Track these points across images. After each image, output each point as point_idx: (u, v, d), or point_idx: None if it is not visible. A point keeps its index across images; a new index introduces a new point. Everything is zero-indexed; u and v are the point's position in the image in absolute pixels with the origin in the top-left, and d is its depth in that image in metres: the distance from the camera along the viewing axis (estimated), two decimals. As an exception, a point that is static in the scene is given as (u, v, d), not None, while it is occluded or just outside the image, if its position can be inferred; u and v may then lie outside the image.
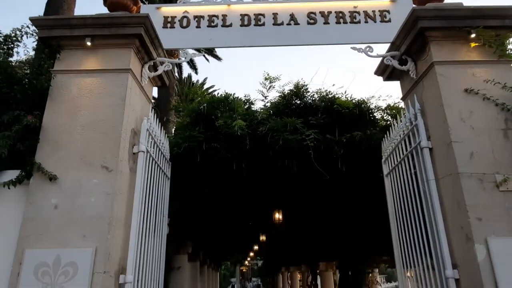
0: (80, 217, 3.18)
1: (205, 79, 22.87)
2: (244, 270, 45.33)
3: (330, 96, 5.70)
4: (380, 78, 4.93)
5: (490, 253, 2.99)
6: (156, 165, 4.31)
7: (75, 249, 3.06)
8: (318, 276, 14.39)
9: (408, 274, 4.56)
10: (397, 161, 4.48)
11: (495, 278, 2.94)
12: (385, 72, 4.67)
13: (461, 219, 3.21)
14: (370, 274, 9.85)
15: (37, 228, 3.14)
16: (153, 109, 4.47)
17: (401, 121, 4.35)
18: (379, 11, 4.46)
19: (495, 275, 2.94)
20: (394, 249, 4.74)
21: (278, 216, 7.91)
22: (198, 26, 4.51)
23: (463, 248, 3.22)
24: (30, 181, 3.32)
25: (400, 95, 4.69)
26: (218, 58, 17.65)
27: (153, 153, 4.14)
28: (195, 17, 4.56)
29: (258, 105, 6.15)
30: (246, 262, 36.37)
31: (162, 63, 4.33)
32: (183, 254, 9.04)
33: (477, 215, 3.12)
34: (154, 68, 4.32)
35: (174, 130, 7.01)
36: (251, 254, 22.15)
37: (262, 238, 11.97)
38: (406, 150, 4.14)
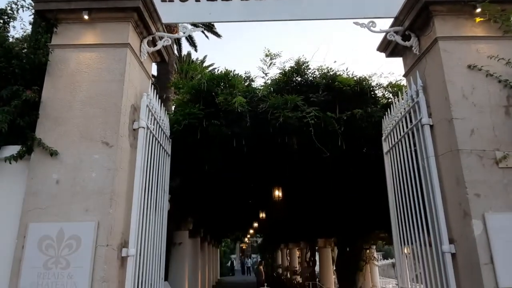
0: (81, 191, 3.21)
1: (205, 57, 22.62)
2: (244, 247, 46.17)
3: (331, 73, 5.64)
4: (383, 54, 4.86)
5: (487, 228, 3.04)
6: (157, 141, 4.32)
7: (78, 222, 3.11)
8: (316, 252, 14.67)
9: (405, 250, 4.66)
10: (397, 138, 4.48)
11: (491, 252, 2.99)
12: (388, 48, 4.60)
13: (460, 195, 3.24)
14: (368, 251, 10.06)
15: (40, 202, 3.17)
16: (152, 86, 4.43)
17: (402, 98, 4.33)
18: (383, -15, 4.34)
19: (491, 250, 3.00)
20: (392, 226, 4.81)
21: (277, 193, 7.98)
22: (197, 0, 4.41)
23: (460, 224, 3.26)
24: (31, 156, 3.33)
25: (402, 72, 4.64)
26: (217, 35, 17.37)
27: (153, 129, 4.13)
28: (194, -10, 4.44)
29: (258, 82, 6.10)
30: (246, 239, 37.01)
31: (161, 38, 4.26)
32: (184, 230, 9.20)
33: (475, 191, 3.15)
34: (153, 43, 4.26)
35: (174, 108, 6.97)
36: (251, 231, 22.51)
37: (262, 215, 12.14)
38: (407, 127, 4.13)
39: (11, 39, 4.02)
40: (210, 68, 19.24)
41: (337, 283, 10.60)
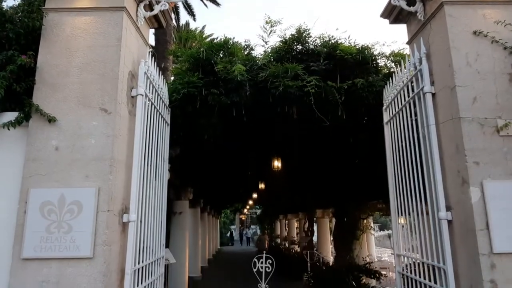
0: (81, 158, 3.21)
1: (204, 26, 22.11)
2: (243, 218, 47.11)
3: (332, 41, 5.52)
4: (386, 21, 4.73)
5: (484, 196, 3.06)
6: (155, 110, 4.28)
7: (78, 188, 3.13)
8: (314, 223, 14.96)
9: (402, 221, 4.74)
10: (398, 108, 4.45)
11: (487, 218, 3.04)
12: (392, 14, 4.47)
13: (459, 163, 3.25)
14: (365, 221, 10.27)
15: (40, 168, 3.18)
16: (150, 54, 4.34)
17: (405, 67, 4.26)
18: None
19: (487, 216, 3.04)
20: (390, 196, 4.86)
21: (277, 163, 8.03)
22: (195, -38, 4.24)
23: (458, 191, 3.29)
24: (29, 123, 3.31)
25: (406, 40, 4.53)
26: (216, 3, 16.90)
27: (152, 97, 4.09)
28: (192, -49, 4.26)
29: (258, 51, 6.01)
30: (245, 210, 37.68)
31: (158, 2, 4.13)
32: (184, 200, 9.33)
33: (474, 159, 3.15)
34: (149, 7, 4.13)
35: (173, 77, 6.87)
36: (250, 202, 22.86)
37: (261, 186, 12.27)
38: (408, 96, 4.09)
39: (5, 7, 3.90)
40: (209, 39, 18.83)
41: (334, 251, 10.86)
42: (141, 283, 3.68)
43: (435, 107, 3.61)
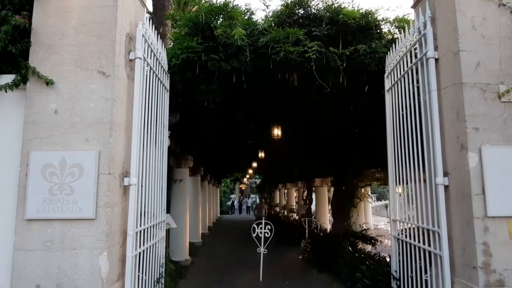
0: (80, 121, 3.20)
1: (203, -8, 21.37)
2: (243, 187, 47.74)
3: (335, 5, 5.36)
4: (391, -16, 4.58)
5: (482, 161, 3.09)
6: (154, 75, 4.23)
7: (79, 151, 3.14)
8: (313, 192, 15.17)
9: (399, 190, 4.81)
10: (400, 74, 4.40)
11: (483, 183, 3.08)
12: (397, -24, 4.31)
13: (458, 129, 3.25)
14: (363, 189, 10.41)
15: (39, 131, 3.18)
16: (148, 18, 4.23)
17: (409, 32, 4.16)
18: None
19: (484, 181, 3.08)
20: (388, 162, 4.90)
21: (277, 132, 8.03)
22: None
23: (456, 157, 3.32)
24: (27, 86, 3.28)
25: (411, 3, 4.40)
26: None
27: (150, 62, 4.03)
28: None
29: (259, 15, 5.88)
30: (245, 179, 38.13)
31: (155, -39, 3.97)
32: (185, 168, 9.39)
33: (474, 125, 3.15)
34: (146, -33, 3.98)
35: (171, 42, 6.73)
36: (250, 171, 23.09)
37: (261, 155, 12.34)
38: (411, 62, 4.03)
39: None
40: (210, 3, 18.25)
41: (332, 219, 11.10)
42: (143, 244, 3.79)
43: (438, 73, 3.56)
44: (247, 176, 32.37)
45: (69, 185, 3.09)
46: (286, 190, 26.38)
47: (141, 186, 3.77)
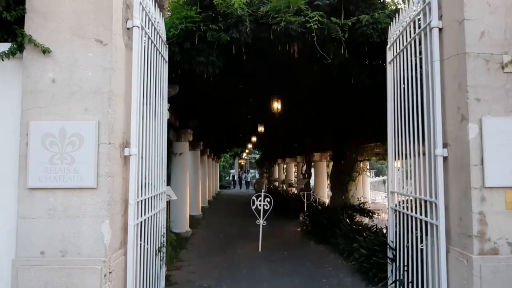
0: (79, 91, 3.17)
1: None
2: (242, 163, 48.11)
3: (338, -27, 5.21)
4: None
5: (482, 132, 3.09)
6: (153, 44, 4.15)
7: (78, 121, 3.13)
8: (312, 167, 15.28)
9: (398, 164, 4.84)
10: (402, 45, 4.33)
11: (482, 154, 3.09)
12: None
13: (460, 100, 3.23)
14: (361, 163, 10.48)
15: (38, 101, 3.15)
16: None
17: (413, 2, 4.06)
18: None
19: (483, 152, 3.09)
20: (388, 136, 4.91)
21: (276, 105, 7.99)
22: None
23: (456, 128, 3.31)
24: (24, 54, 3.22)
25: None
26: None
27: (148, 31, 3.94)
28: None
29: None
30: (245, 154, 38.34)
31: None
32: (184, 141, 9.42)
33: (476, 96, 3.13)
34: None
35: (170, 12, 6.57)
36: (250, 146, 23.17)
37: (261, 129, 12.33)
38: (414, 32, 3.96)
39: None
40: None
41: (330, 193, 11.23)
42: (145, 214, 3.85)
43: (441, 43, 3.50)
44: (247, 151, 32.52)
45: (70, 154, 3.10)
46: (285, 165, 26.60)
47: (142, 157, 3.78)
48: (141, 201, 3.72)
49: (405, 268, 4.42)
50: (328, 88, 7.08)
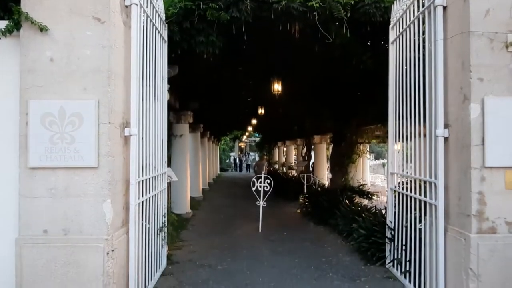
0: (77, 70, 3.14)
1: None
2: (242, 146, 48.19)
3: (341, -51, 5.07)
4: None
5: (484, 112, 3.07)
6: (151, 23, 4.09)
7: (78, 101, 3.11)
8: (312, 150, 15.30)
9: (398, 147, 4.85)
10: (405, 25, 4.27)
11: (483, 134, 3.08)
12: None
13: (462, 80, 3.20)
14: (361, 145, 10.48)
15: (37, 80, 3.12)
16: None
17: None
18: None
19: (484, 132, 3.08)
20: (389, 117, 4.89)
21: (277, 86, 7.92)
22: None
23: (458, 108, 3.30)
24: (21, 32, 3.17)
25: None
26: None
27: (147, 9, 3.87)
28: None
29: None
30: (244, 137, 38.34)
31: None
32: (184, 123, 9.40)
33: (479, 75, 3.10)
34: None
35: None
36: (250, 129, 23.14)
37: (261, 111, 12.28)
38: (418, 11, 3.89)
39: None
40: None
41: (330, 175, 11.27)
42: (146, 194, 3.87)
43: (445, 22, 3.44)
44: (247, 134, 32.51)
45: (70, 134, 3.09)
46: (285, 148, 26.64)
47: (142, 138, 3.78)
48: (142, 181, 3.73)
49: (403, 247, 4.48)
50: (329, 70, 7.01)
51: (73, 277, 3.05)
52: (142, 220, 3.79)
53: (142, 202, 3.76)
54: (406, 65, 4.25)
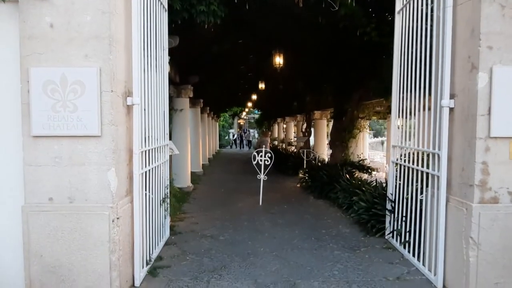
0: (78, 36, 3.06)
1: None
2: (241, 123, 48.11)
3: None
4: None
5: (492, 81, 3.03)
6: (151, -11, 3.96)
7: (79, 68, 3.05)
8: (312, 127, 15.26)
9: (399, 122, 4.82)
10: (413, -7, 4.15)
11: (490, 104, 3.05)
12: None
13: (471, 48, 3.14)
14: (362, 120, 10.43)
15: (37, 47, 3.05)
16: None
17: None
18: None
19: (491, 101, 3.05)
20: (393, 89, 4.84)
21: (278, 59, 7.79)
22: None
23: (465, 78, 3.25)
24: (18, -2, 3.07)
25: None
26: None
27: (146, -26, 3.74)
28: None
29: None
30: (244, 113, 38.21)
31: None
32: (185, 97, 9.31)
33: (488, 44, 3.03)
34: None
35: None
36: (250, 104, 23.00)
37: (261, 86, 12.16)
38: (426, -22, 3.77)
39: None
40: None
41: (330, 149, 11.26)
42: (149, 164, 3.88)
43: (455, -12, 3.34)
44: (246, 110, 32.36)
45: (72, 102, 3.05)
46: (285, 125, 26.58)
47: (144, 110, 3.75)
48: (145, 151, 3.73)
49: (403, 218, 4.55)
50: (332, 42, 6.89)
51: (80, 243, 3.10)
52: (146, 190, 3.82)
53: (145, 172, 3.77)
54: (412, 35, 4.17)
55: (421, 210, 4.06)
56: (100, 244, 3.10)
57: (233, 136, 39.12)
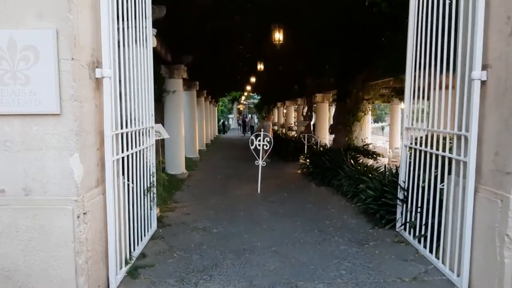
0: (29, -10, 2.48)
1: None
2: (241, 108, 47.42)
3: None
4: None
5: (539, 45, 2.47)
6: None
7: (31, 30, 2.48)
8: (313, 111, 14.66)
9: (401, 106, 4.27)
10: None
11: (536, 74, 2.50)
12: None
13: (510, 7, 2.57)
14: (367, 102, 9.83)
15: (-22, 4, 2.48)
16: None
17: None
18: None
19: (537, 71, 2.49)
20: (407, 68, 4.27)
21: (278, 35, 7.15)
22: None
23: (502, 44, 2.69)
24: None
25: None
26: None
27: None
28: None
29: None
30: (243, 99, 37.56)
31: None
32: (178, 78, 8.71)
33: (536, -2, 2.46)
34: None
35: None
36: (249, 88, 22.34)
37: (260, 67, 11.52)
38: None
39: None
40: None
41: (331, 134, 10.69)
42: (127, 149, 3.35)
43: None
44: (245, 94, 31.68)
45: (24, 72, 2.49)
46: (285, 109, 25.97)
47: (121, 84, 3.20)
48: (122, 134, 3.19)
49: (418, 210, 4.04)
50: (337, 15, 6.25)
51: (39, 244, 2.59)
52: (124, 179, 3.29)
53: (123, 158, 3.24)
54: (432, 2, 3.57)
55: (441, 200, 3.55)
56: (63, 245, 2.58)
57: (226, 122, 37.16)
